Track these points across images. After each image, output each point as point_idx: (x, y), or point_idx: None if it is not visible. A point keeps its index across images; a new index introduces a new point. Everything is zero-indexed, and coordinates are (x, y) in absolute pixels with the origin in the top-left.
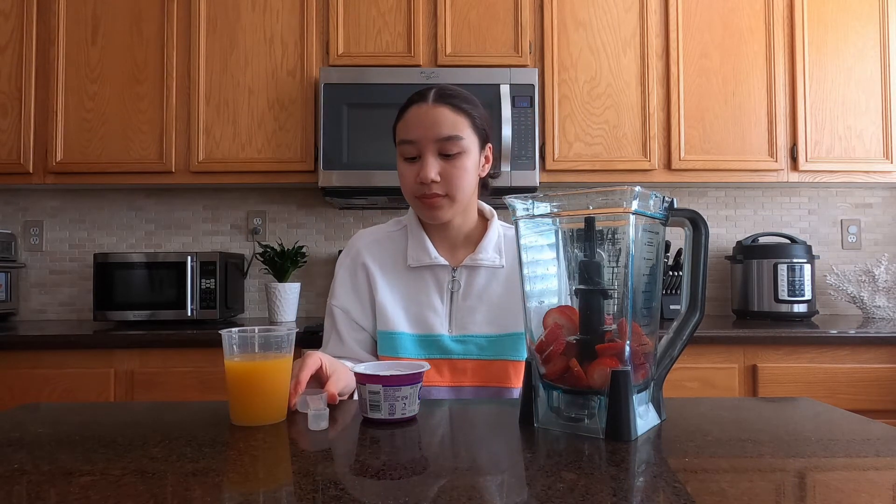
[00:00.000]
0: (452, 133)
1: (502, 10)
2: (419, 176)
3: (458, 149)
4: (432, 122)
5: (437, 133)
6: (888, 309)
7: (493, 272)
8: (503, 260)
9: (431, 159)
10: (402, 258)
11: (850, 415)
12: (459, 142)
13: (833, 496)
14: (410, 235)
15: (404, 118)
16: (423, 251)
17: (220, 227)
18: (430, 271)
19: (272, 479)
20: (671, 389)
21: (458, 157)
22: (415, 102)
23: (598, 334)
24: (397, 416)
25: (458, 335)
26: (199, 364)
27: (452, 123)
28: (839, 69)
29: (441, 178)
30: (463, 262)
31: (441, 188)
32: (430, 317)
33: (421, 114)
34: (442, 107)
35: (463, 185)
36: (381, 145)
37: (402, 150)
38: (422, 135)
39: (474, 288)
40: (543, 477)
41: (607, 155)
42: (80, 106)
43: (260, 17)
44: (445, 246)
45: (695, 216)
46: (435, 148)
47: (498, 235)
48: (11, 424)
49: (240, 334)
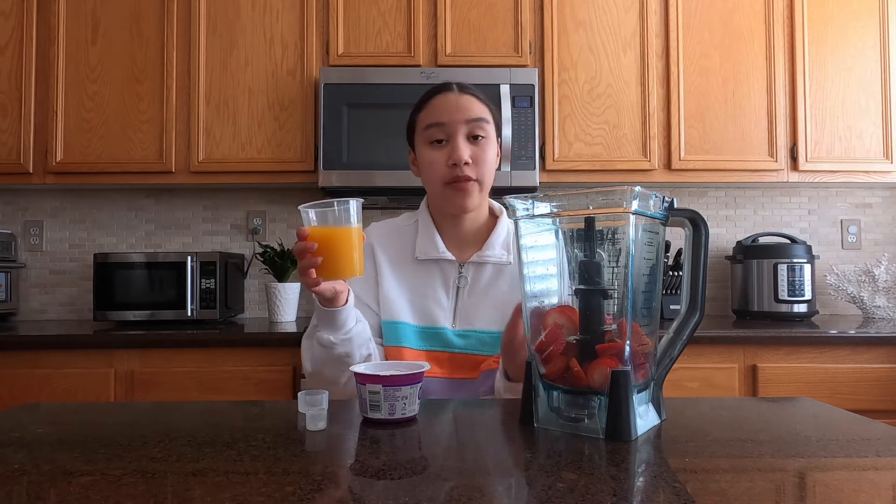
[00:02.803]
0: (482, 115)
1: (502, 10)
2: (451, 157)
3: (484, 133)
4: (462, 104)
5: (468, 115)
6: (888, 309)
7: (500, 269)
8: (511, 257)
9: (462, 141)
10: (411, 251)
11: (850, 415)
12: (486, 126)
13: (833, 496)
14: (421, 229)
15: (429, 106)
16: (432, 245)
17: (220, 227)
18: (438, 265)
19: (272, 480)
20: (671, 389)
21: (484, 142)
22: (440, 92)
23: (598, 334)
24: (397, 416)
25: (462, 329)
26: (199, 364)
27: (479, 108)
28: (839, 69)
29: (472, 161)
30: (470, 258)
31: (472, 171)
32: (435, 310)
33: (450, 99)
34: (468, 95)
35: (490, 170)
36: (381, 145)
37: (430, 133)
38: (452, 117)
39: (480, 284)
40: (543, 477)
41: (607, 155)
42: (80, 106)
43: (260, 17)
44: (455, 242)
45: (695, 216)
46: (465, 130)
47: (507, 232)
48: (11, 424)
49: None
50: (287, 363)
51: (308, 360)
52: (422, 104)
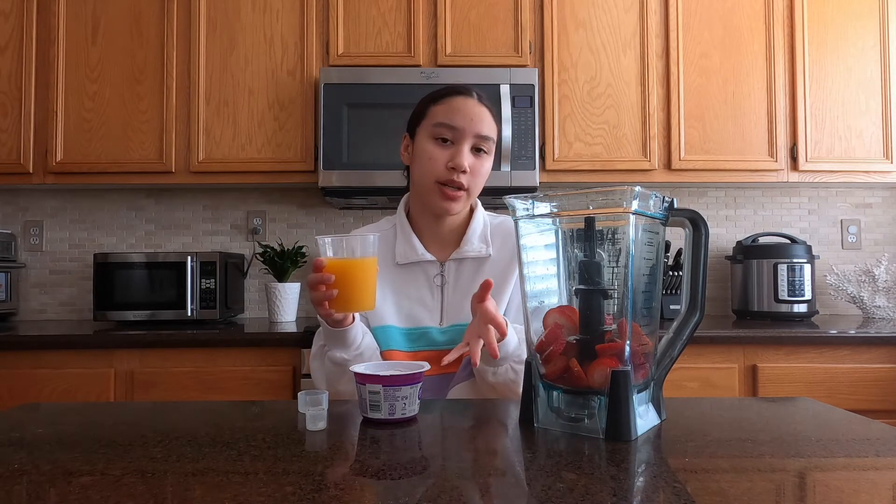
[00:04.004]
0: (490, 134)
1: (502, 10)
2: (453, 161)
3: (488, 149)
4: (478, 116)
5: (480, 128)
6: (888, 309)
7: (480, 262)
8: (489, 249)
9: (466, 149)
10: (392, 256)
11: (850, 415)
12: (491, 144)
13: (833, 496)
14: (399, 234)
15: (447, 103)
16: (411, 248)
17: (220, 227)
18: (420, 267)
19: (272, 480)
20: (671, 389)
21: (486, 158)
22: (460, 94)
23: (598, 334)
24: (397, 416)
25: (449, 326)
26: (199, 364)
27: (490, 125)
28: (839, 69)
29: (469, 171)
30: (450, 256)
31: (466, 180)
32: (419, 311)
33: (469, 106)
34: (484, 108)
35: (482, 184)
36: (381, 145)
37: (440, 130)
38: (465, 125)
39: (463, 280)
40: (543, 477)
41: (607, 155)
42: (80, 106)
43: (260, 17)
44: (434, 242)
45: (695, 216)
46: (473, 141)
47: (483, 225)
48: (11, 424)
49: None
50: (287, 363)
51: (322, 380)
52: (439, 97)
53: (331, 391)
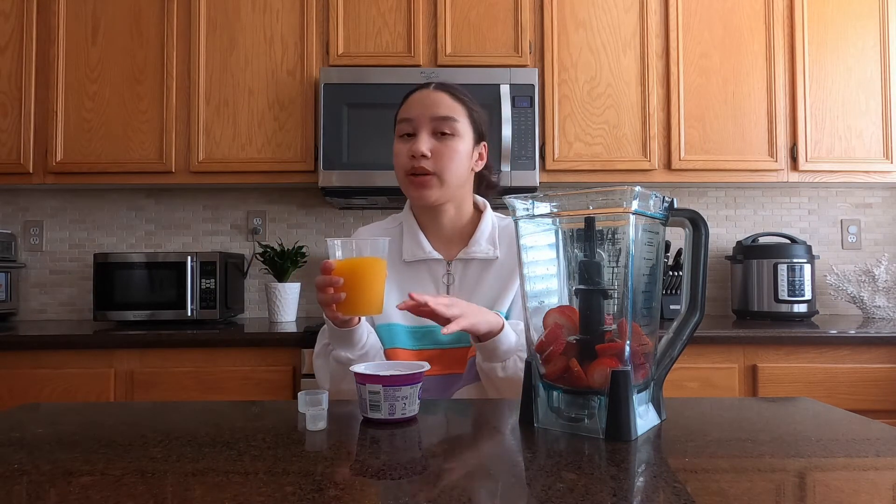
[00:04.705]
0: (448, 114)
1: (502, 10)
2: (411, 150)
3: (451, 130)
4: (431, 102)
5: (434, 112)
6: (888, 309)
7: (487, 263)
8: (497, 251)
9: (425, 135)
10: (399, 253)
11: (850, 415)
12: (454, 123)
13: (833, 496)
14: (406, 231)
15: (406, 102)
16: (418, 246)
17: (220, 227)
18: (426, 265)
19: (272, 480)
20: (671, 389)
21: (450, 139)
22: (417, 90)
23: (598, 334)
24: (397, 416)
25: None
26: (199, 364)
27: (449, 106)
28: (839, 69)
29: (432, 156)
30: (457, 255)
31: (431, 165)
32: None
33: (422, 96)
34: (442, 92)
35: (452, 166)
36: (381, 145)
37: (399, 128)
38: (419, 113)
39: (468, 280)
40: (543, 477)
41: (607, 155)
42: (80, 106)
43: (260, 17)
44: (440, 240)
45: (695, 216)
46: (430, 126)
47: (492, 227)
48: (11, 424)
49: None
50: (287, 363)
51: (325, 378)
52: (403, 100)
53: (334, 390)
